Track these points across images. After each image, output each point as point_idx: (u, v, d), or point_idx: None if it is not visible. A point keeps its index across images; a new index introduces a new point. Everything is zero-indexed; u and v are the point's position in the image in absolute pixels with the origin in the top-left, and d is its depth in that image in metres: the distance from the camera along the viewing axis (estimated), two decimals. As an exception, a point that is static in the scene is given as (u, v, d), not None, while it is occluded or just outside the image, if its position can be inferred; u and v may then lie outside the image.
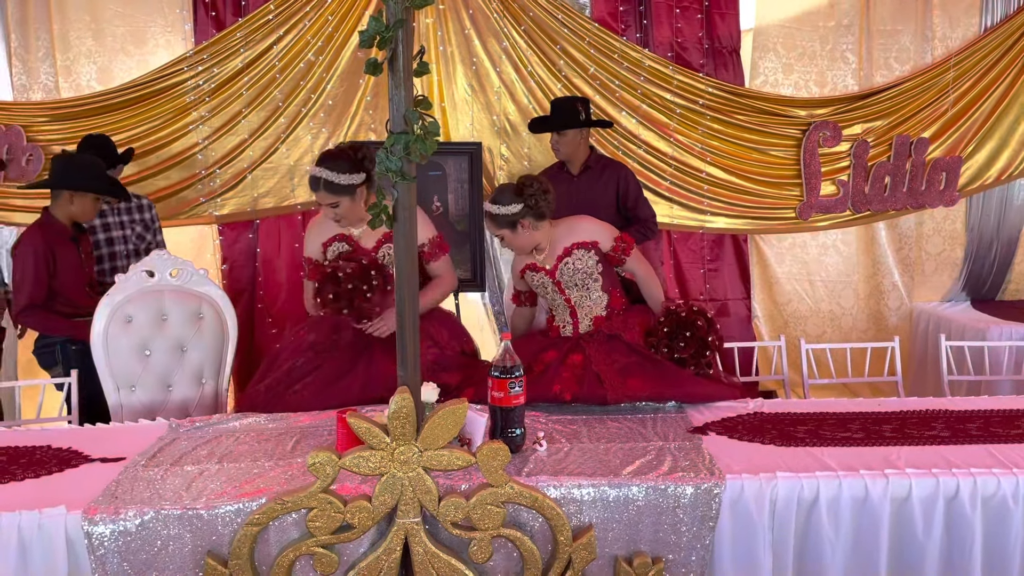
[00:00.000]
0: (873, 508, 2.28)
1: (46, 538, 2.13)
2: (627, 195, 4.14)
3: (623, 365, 2.99)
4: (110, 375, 3.32)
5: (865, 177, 4.97)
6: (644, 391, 2.91)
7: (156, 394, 3.35)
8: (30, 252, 3.49)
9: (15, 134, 4.46)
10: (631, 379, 2.94)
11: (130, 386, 3.34)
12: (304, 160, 4.73)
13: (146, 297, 3.35)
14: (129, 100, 4.55)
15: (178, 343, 3.38)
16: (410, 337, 2.17)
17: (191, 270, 3.39)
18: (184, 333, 3.38)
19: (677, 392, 2.93)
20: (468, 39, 4.75)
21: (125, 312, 3.34)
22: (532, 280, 3.30)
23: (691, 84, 4.79)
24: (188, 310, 3.39)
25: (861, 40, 4.99)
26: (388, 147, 2.02)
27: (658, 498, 2.28)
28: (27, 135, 4.49)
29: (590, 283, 3.23)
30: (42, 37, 4.66)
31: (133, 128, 4.56)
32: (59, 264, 3.52)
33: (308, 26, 4.60)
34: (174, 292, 3.39)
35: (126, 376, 3.33)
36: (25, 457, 2.56)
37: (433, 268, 3.32)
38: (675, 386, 2.95)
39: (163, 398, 3.35)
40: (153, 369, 3.35)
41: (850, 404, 2.94)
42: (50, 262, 3.50)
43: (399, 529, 2.19)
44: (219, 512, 2.18)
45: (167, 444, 2.63)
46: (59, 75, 4.69)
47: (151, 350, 3.35)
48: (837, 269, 5.22)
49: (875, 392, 4.63)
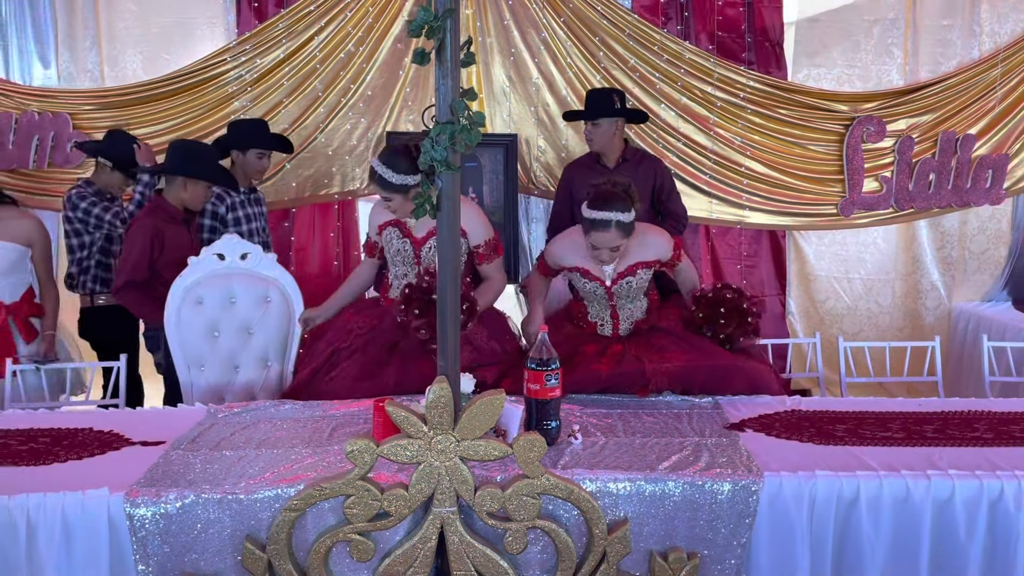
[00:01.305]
0: (914, 509, 2.24)
1: (89, 519, 2.17)
2: (662, 189, 4.14)
3: (661, 345, 3.00)
4: (181, 354, 3.39)
5: (909, 174, 4.88)
6: (681, 362, 2.90)
7: (224, 375, 3.41)
8: (139, 232, 3.56)
9: (62, 121, 4.55)
10: (669, 354, 2.95)
11: (200, 366, 3.41)
12: (341, 150, 4.76)
13: (216, 280, 3.41)
14: (173, 90, 4.61)
15: (245, 325, 3.44)
16: (451, 327, 2.18)
17: (260, 254, 3.45)
18: (251, 316, 3.43)
19: (714, 362, 2.92)
20: (507, 30, 4.73)
21: (196, 294, 3.40)
22: (579, 282, 3.25)
23: (732, 77, 4.74)
24: (256, 293, 3.44)
25: (907, 34, 4.90)
26: (434, 137, 2.02)
27: (695, 494, 2.26)
28: (73, 123, 4.57)
29: (640, 295, 3.23)
30: (89, 27, 4.75)
31: (176, 117, 4.63)
32: (167, 246, 3.56)
33: (349, 17, 4.62)
34: (243, 276, 3.44)
35: (196, 356, 3.41)
36: (68, 439, 2.61)
37: (485, 269, 3.29)
38: (712, 357, 2.95)
39: (230, 379, 3.41)
40: (221, 350, 3.42)
41: (890, 404, 2.90)
42: (158, 243, 3.55)
43: (435, 518, 2.20)
44: (258, 497, 2.20)
45: (206, 429, 2.66)
46: (104, 64, 4.78)
47: (220, 332, 3.42)
48: (876, 267, 5.15)
49: (911, 392, 4.56)
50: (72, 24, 4.73)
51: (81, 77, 4.77)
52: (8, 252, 3.57)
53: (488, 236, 3.26)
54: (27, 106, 4.57)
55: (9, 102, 4.58)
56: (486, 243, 3.25)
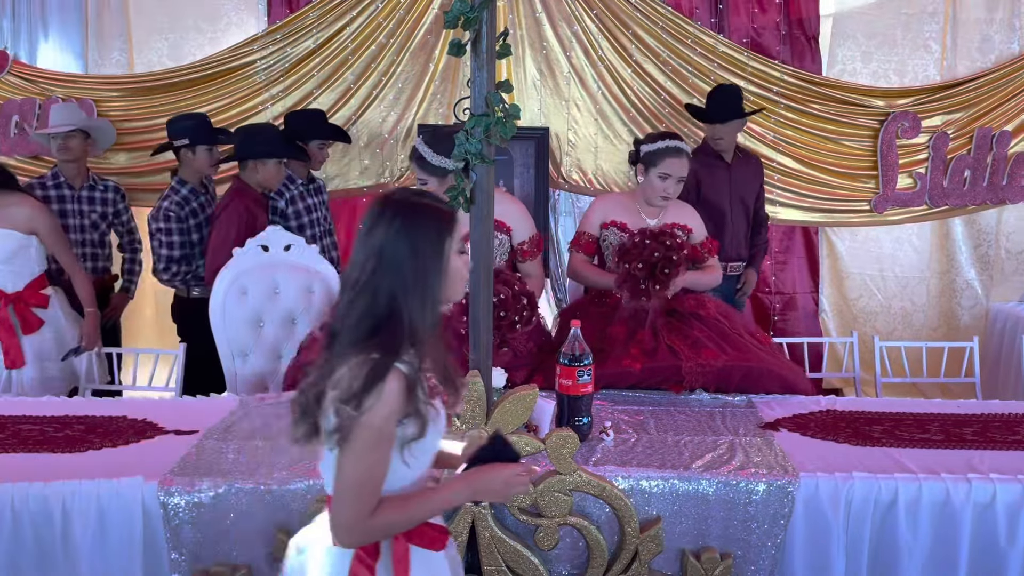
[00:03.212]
0: (954, 513, 2.21)
1: (123, 506, 2.18)
2: (761, 187, 4.17)
3: (695, 339, 2.96)
4: (226, 343, 3.43)
5: (944, 170, 4.80)
6: (719, 361, 2.87)
7: (267, 363, 3.44)
8: (234, 217, 3.59)
9: (87, 108, 4.52)
10: (705, 350, 2.91)
11: (244, 355, 3.45)
12: (372, 144, 4.74)
13: (261, 271, 3.45)
14: (201, 78, 4.60)
15: (289, 316, 3.47)
16: (483, 321, 2.17)
17: (303, 246, 3.48)
18: (295, 307, 3.47)
19: (750, 363, 2.89)
20: (538, 23, 4.70)
21: (241, 284, 3.43)
22: (616, 238, 3.20)
23: (765, 71, 4.68)
24: (299, 284, 3.47)
25: (945, 28, 4.81)
26: (468, 129, 2.01)
27: (729, 493, 2.24)
28: (98, 109, 4.57)
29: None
30: (117, 15, 4.74)
31: (205, 106, 4.60)
32: (258, 229, 3.56)
33: (380, 8, 4.59)
34: (287, 267, 3.47)
35: (240, 345, 3.44)
36: (102, 427, 2.63)
37: (526, 267, 3.26)
38: (747, 355, 2.93)
39: (273, 367, 3.44)
40: (265, 340, 3.46)
41: (928, 405, 2.86)
42: (249, 226, 3.57)
43: (466, 512, 2.19)
44: (289, 488, 2.21)
45: (238, 419, 2.67)
46: (132, 51, 4.77)
47: (264, 322, 3.46)
48: (911, 264, 5.06)
49: (947, 393, 4.48)
50: (100, 12, 4.72)
51: (108, 64, 4.76)
52: (6, 239, 3.43)
53: (532, 232, 3.24)
54: (51, 92, 4.56)
55: (33, 88, 4.59)
56: (531, 239, 3.23)
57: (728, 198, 3.62)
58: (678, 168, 3.12)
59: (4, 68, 4.56)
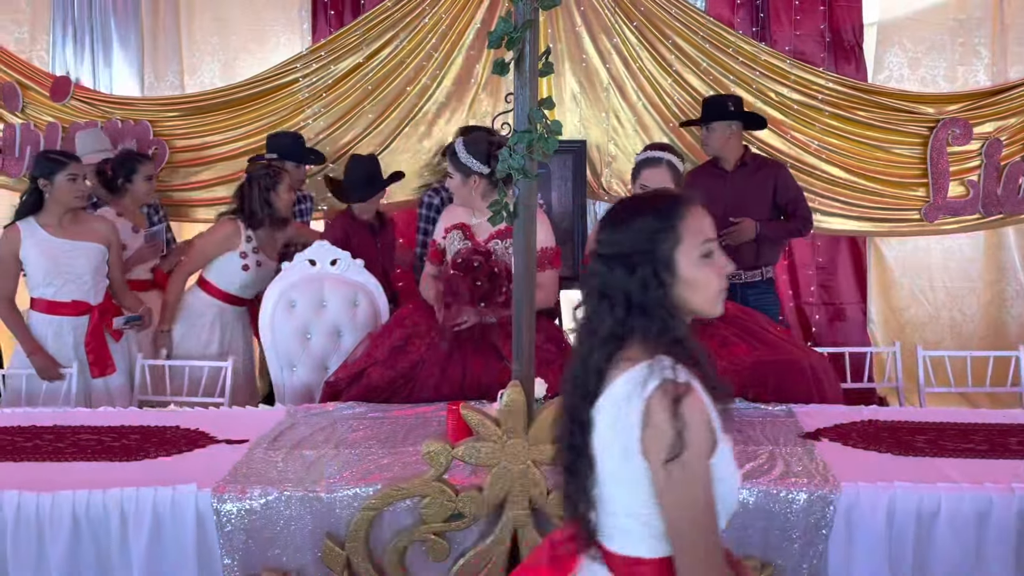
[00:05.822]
0: (999, 523, 2.18)
1: (178, 513, 2.26)
2: (785, 194, 4.11)
3: (723, 337, 2.96)
4: (275, 355, 3.53)
5: (997, 178, 4.69)
6: (750, 357, 2.87)
7: (314, 375, 3.52)
8: (328, 239, 3.74)
9: (143, 129, 4.69)
10: (734, 347, 2.92)
11: (292, 366, 3.55)
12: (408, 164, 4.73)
13: (309, 284, 3.55)
14: (248, 96, 4.73)
15: (335, 328, 3.56)
16: (526, 333, 2.21)
17: (348, 260, 3.58)
18: (341, 319, 3.55)
19: (780, 356, 2.89)
20: (578, 36, 4.73)
21: (289, 297, 3.54)
22: None
23: (809, 79, 4.64)
24: (345, 297, 3.56)
25: (994, 33, 4.73)
26: (512, 145, 2.07)
27: (769, 503, 2.24)
28: (154, 130, 4.73)
29: None
30: (171, 36, 4.92)
31: (252, 123, 4.73)
32: (353, 252, 3.66)
33: (422, 26, 4.67)
34: (333, 280, 3.57)
35: (288, 357, 3.54)
36: (156, 436, 2.72)
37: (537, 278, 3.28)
38: (776, 349, 2.94)
39: (320, 378, 3.49)
40: (312, 352, 3.55)
41: (971, 415, 2.83)
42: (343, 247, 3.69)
43: (509, 520, 2.23)
44: (337, 496, 2.27)
45: (286, 429, 2.75)
46: (185, 74, 4.95)
47: (311, 334, 3.55)
48: (961, 274, 4.96)
49: (994, 403, 4.38)
50: (155, 33, 4.91)
51: (162, 85, 4.94)
52: (97, 254, 3.62)
53: (546, 245, 3.18)
54: (111, 114, 4.73)
55: (94, 111, 4.76)
56: (542, 251, 3.20)
57: (724, 207, 3.60)
58: (656, 179, 3.07)
59: (68, 93, 4.74)
